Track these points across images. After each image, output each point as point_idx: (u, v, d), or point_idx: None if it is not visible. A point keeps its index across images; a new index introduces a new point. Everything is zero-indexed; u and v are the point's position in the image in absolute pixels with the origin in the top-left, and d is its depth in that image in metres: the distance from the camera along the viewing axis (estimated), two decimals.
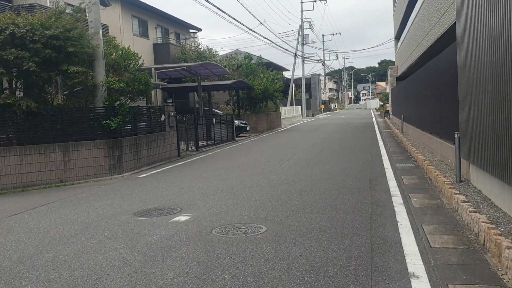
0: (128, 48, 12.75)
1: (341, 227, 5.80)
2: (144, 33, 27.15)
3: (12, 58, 9.73)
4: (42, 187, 10.71)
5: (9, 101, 10.22)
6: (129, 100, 12.85)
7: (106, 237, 5.83)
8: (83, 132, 11.68)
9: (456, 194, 6.67)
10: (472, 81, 6.95)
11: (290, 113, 42.42)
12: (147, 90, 12.65)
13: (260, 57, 29.85)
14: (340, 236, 5.41)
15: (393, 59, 38.37)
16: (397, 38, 34.89)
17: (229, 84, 23.58)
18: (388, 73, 37.59)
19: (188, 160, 14.57)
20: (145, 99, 13.38)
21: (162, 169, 12.84)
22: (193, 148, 17.41)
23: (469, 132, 7.34)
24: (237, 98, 27.72)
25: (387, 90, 68.07)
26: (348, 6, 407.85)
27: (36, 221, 6.99)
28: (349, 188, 8.45)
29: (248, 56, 29.73)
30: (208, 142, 19.08)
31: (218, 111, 26.19)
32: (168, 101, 15.18)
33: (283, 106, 43.91)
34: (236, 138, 22.73)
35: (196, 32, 34.70)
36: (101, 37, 12.09)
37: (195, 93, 28.77)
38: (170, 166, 13.38)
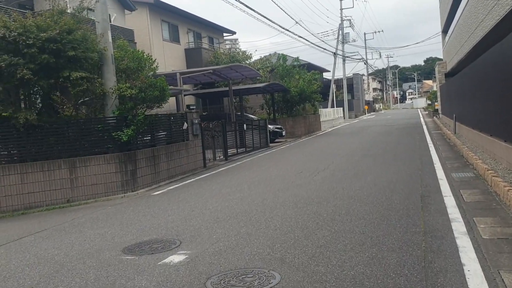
0: (140, 51, 11.51)
1: (384, 275, 4.18)
2: (175, 38, 26.19)
3: (4, 65, 8.66)
4: (45, 209, 9.60)
5: (5, 114, 9.16)
6: (145, 108, 11.63)
7: None
8: (92, 145, 10.53)
9: None
10: None
11: (330, 115, 40.54)
12: (163, 96, 11.36)
13: (296, 59, 28.09)
14: None
15: (440, 56, 35.75)
16: (445, 31, 32.37)
17: (262, 87, 22.11)
18: (436, 69, 35.03)
19: (213, 172, 13.20)
20: (163, 106, 12.07)
21: (182, 183, 11.52)
22: (222, 157, 16.06)
23: None
24: (272, 102, 26.22)
25: (435, 88, 64.68)
26: (390, 5, 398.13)
27: (6, 260, 5.75)
28: (396, 209, 6.77)
29: (283, 57, 28.11)
30: (240, 149, 17.68)
31: (252, 116, 24.79)
32: (191, 107, 13.84)
33: (324, 108, 42.08)
34: (271, 144, 21.26)
35: (231, 35, 33.60)
36: (110, 39, 10.92)
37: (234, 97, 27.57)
38: (192, 179, 12.05)
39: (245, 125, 18.07)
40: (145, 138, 11.85)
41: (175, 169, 12.61)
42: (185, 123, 13.25)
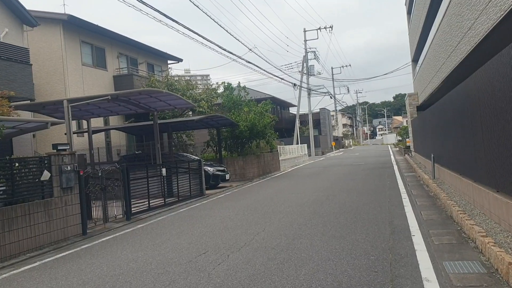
0: None
1: None
2: (100, 63, 22.01)
3: None
4: None
5: None
6: None
7: None
8: None
9: None
10: None
11: (294, 152, 36.62)
12: None
13: (243, 87, 23.89)
14: None
15: (410, 92, 32.01)
16: (415, 60, 29.32)
17: (197, 120, 17.96)
18: (406, 102, 31.79)
19: (86, 245, 8.77)
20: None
21: (12, 272, 7.09)
22: (123, 216, 11.64)
23: None
24: (218, 139, 22.07)
25: (405, 124, 61.98)
26: (360, 45, 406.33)
27: None
28: None
29: (229, 86, 24.00)
30: (155, 202, 13.19)
31: (193, 156, 20.52)
32: (59, 148, 9.51)
33: (288, 144, 38.25)
34: (209, 192, 16.90)
35: (176, 62, 29.66)
36: None
37: (173, 133, 23.33)
38: (37, 263, 7.61)
39: (164, 170, 13.74)
40: None
41: (20, 244, 8.16)
42: (46, 172, 8.90)
